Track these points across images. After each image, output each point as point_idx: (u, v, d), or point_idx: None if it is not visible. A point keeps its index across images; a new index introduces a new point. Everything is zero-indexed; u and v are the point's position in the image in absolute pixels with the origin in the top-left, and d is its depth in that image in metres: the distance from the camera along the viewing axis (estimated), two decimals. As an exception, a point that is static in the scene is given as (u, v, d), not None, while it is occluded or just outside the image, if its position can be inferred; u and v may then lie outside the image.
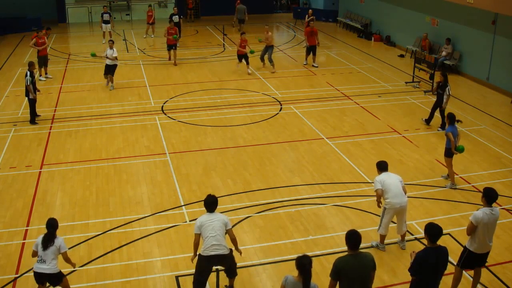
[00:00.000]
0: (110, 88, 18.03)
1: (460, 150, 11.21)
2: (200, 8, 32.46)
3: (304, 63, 21.43)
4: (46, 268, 7.31)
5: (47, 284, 7.66)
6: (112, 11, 30.23)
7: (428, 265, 6.64)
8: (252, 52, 19.90)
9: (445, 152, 11.40)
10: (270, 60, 20.11)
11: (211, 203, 7.61)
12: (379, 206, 8.98)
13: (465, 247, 7.80)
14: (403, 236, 9.28)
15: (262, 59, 20.64)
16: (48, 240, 7.34)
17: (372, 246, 9.20)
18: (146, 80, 19.10)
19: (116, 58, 17.83)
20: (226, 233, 7.60)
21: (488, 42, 18.50)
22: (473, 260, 7.80)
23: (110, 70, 18.04)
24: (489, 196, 7.59)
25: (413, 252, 6.89)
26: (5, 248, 9.25)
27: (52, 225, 7.43)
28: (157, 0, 36.40)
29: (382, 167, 9.06)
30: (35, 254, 7.44)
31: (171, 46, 20.98)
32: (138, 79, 19.25)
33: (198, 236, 7.50)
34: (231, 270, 7.83)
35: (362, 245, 9.19)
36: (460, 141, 13.85)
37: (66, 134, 14.28)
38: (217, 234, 7.38)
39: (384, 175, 8.94)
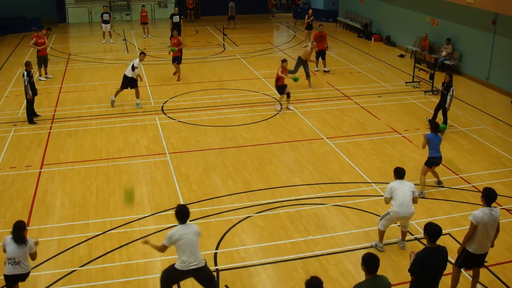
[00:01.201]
0: (139, 106, 16.17)
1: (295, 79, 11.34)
2: (200, 8, 32.47)
3: (316, 69, 20.22)
4: (20, 269, 7.27)
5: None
6: (112, 11, 30.23)
7: (428, 265, 6.64)
8: (296, 79, 16.27)
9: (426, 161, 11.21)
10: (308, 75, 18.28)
11: (183, 214, 7.27)
12: None
13: (463, 247, 7.79)
14: (403, 236, 9.30)
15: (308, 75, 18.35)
16: (19, 242, 7.25)
17: (371, 246, 9.22)
18: (146, 80, 19.09)
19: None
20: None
21: (488, 42, 18.50)
22: (471, 260, 7.78)
23: (132, 84, 16.09)
24: (488, 196, 7.58)
25: (412, 252, 6.89)
26: (5, 248, 9.25)
27: (19, 227, 7.34)
28: (157, 0, 36.41)
29: (397, 174, 9.00)
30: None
31: (174, 59, 18.90)
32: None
33: (166, 248, 7.29)
34: (211, 284, 7.50)
35: (362, 245, 9.27)
36: (460, 140, 13.87)
37: (66, 134, 14.28)
38: (194, 247, 7.16)
39: (396, 183, 8.91)
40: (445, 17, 21.02)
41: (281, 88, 16.02)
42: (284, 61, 16.00)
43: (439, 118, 14.51)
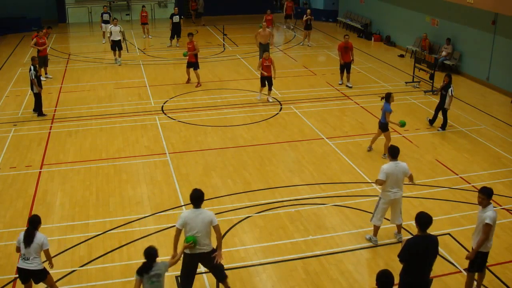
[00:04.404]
0: (118, 63, 20.91)
1: (403, 124, 12.46)
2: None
3: (340, 83, 18.69)
4: (29, 265, 7.28)
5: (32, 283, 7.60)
6: (112, 11, 30.22)
7: (417, 252, 6.73)
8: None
9: (381, 125, 12.67)
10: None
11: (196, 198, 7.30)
12: None
13: (480, 252, 7.55)
14: (399, 228, 9.36)
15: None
16: (29, 236, 7.27)
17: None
18: (146, 80, 19.10)
19: (122, 33, 21.01)
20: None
21: (488, 42, 18.50)
22: (484, 260, 7.71)
23: (117, 45, 20.89)
24: (489, 194, 7.49)
25: (403, 240, 6.98)
26: (5, 248, 9.25)
27: (31, 221, 7.37)
28: (157, 0, 36.41)
29: (394, 154, 9.00)
30: (18, 249, 7.40)
31: (189, 64, 18.28)
32: (138, 79, 19.24)
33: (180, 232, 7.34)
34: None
35: (362, 245, 9.27)
36: (460, 140, 13.87)
37: (66, 134, 14.28)
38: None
39: (392, 166, 8.90)
40: (445, 17, 21.02)
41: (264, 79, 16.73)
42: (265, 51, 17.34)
43: (439, 118, 14.52)
